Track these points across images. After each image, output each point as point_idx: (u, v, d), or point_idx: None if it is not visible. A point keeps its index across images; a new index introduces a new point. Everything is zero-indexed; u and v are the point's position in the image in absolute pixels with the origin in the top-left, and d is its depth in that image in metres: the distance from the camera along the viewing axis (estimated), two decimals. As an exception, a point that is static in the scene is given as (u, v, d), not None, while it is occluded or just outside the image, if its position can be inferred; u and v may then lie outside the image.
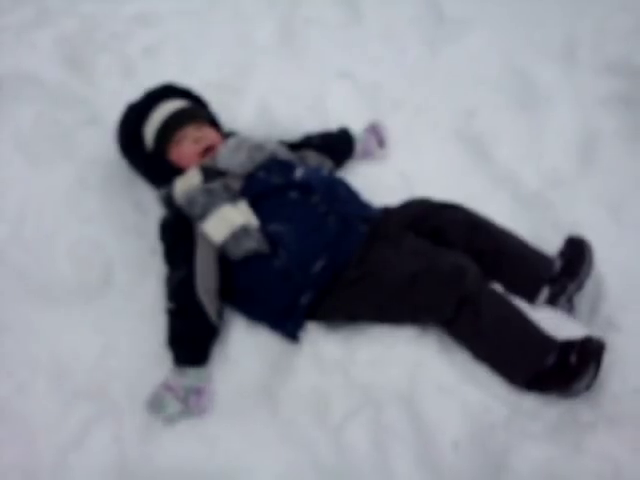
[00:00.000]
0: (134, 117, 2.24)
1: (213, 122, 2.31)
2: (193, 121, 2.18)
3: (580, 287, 1.92)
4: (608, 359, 1.72)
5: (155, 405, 1.77)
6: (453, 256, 1.83)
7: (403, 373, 1.73)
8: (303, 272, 1.87)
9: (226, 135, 2.23)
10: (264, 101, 2.59)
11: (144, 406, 1.78)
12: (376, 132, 2.48)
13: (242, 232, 1.88)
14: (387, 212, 2.06)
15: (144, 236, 2.17)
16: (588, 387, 1.68)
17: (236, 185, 2.00)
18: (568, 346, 1.69)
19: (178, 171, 2.08)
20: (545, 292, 1.90)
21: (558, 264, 1.93)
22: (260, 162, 2.05)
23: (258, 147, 2.07)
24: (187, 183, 2.00)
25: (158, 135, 2.18)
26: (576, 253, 1.93)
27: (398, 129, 2.53)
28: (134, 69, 2.60)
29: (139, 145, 2.23)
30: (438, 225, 1.97)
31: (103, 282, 2.08)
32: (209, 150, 2.12)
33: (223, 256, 1.94)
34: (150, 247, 2.13)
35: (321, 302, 1.87)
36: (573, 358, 1.66)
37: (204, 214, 1.92)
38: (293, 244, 1.90)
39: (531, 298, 1.91)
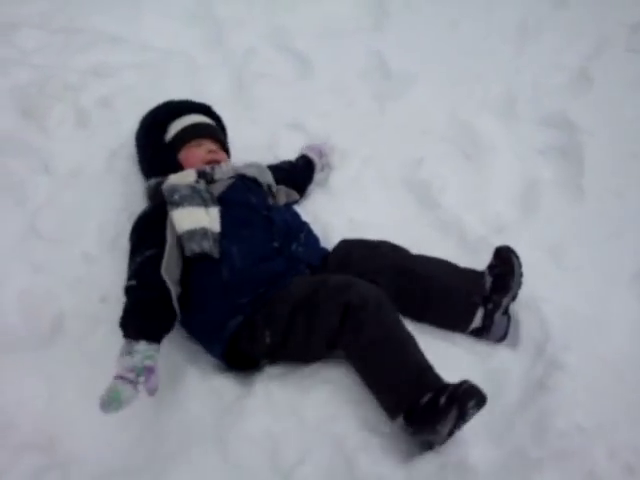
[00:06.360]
0: (168, 110, 2.45)
1: (227, 150, 2.49)
2: (214, 138, 2.40)
3: (514, 298, 2.00)
4: (553, 397, 1.77)
5: (110, 397, 1.62)
6: (344, 276, 1.93)
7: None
8: (239, 295, 1.93)
9: None
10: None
11: (100, 408, 1.61)
12: (312, 149, 2.63)
13: (201, 233, 1.99)
14: (325, 259, 2.15)
15: (94, 285, 2.17)
16: (450, 433, 1.65)
17: (218, 190, 2.14)
18: (444, 388, 1.67)
19: (178, 170, 2.22)
20: (480, 314, 1.99)
21: (488, 281, 2.02)
22: (247, 174, 2.26)
23: (252, 164, 2.33)
24: (180, 179, 2.15)
25: (183, 131, 2.36)
26: (505, 266, 2.02)
27: (347, 178, 2.60)
28: (88, 119, 2.61)
29: (159, 135, 2.38)
30: (367, 273, 2.01)
31: (53, 331, 2.06)
32: (213, 162, 2.28)
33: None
34: (100, 296, 2.13)
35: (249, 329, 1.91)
36: (442, 400, 1.63)
37: (179, 203, 2.02)
38: (240, 263, 1.99)
39: (467, 323, 2.00)
